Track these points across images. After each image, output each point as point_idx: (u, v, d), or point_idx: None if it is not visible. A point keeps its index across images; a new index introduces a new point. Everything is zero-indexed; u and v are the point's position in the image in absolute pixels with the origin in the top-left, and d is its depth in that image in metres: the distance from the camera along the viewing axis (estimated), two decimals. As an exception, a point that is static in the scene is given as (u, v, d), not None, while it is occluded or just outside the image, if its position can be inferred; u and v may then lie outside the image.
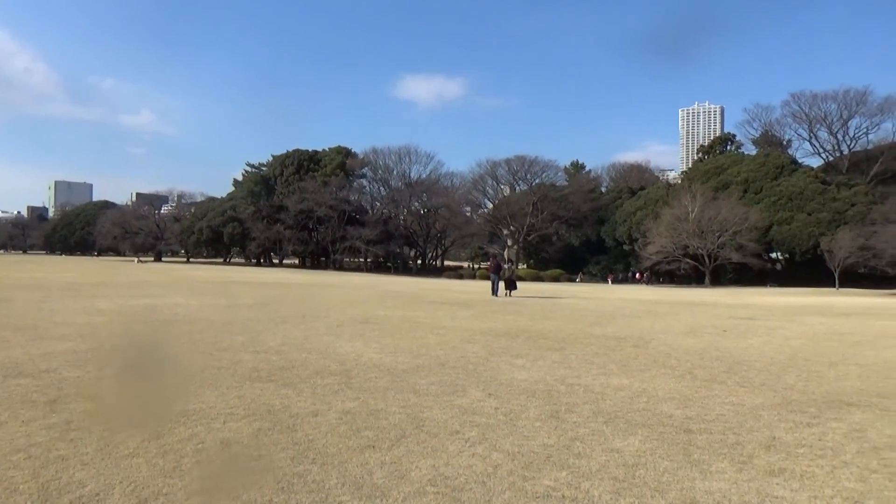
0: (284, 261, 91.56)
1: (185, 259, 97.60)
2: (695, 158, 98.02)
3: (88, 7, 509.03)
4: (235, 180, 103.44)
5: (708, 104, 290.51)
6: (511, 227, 76.39)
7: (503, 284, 24.61)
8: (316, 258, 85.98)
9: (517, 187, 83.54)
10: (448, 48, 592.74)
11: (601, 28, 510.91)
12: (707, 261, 58.53)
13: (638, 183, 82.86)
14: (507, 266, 30.94)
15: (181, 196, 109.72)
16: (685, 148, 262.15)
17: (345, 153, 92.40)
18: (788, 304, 24.68)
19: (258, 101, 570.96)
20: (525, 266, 73.58)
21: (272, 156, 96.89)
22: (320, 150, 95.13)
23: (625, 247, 70.17)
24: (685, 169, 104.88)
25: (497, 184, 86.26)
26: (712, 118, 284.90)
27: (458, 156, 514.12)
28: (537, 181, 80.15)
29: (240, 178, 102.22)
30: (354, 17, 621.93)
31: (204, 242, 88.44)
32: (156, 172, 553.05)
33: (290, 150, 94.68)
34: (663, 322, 14.71)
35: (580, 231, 75.23)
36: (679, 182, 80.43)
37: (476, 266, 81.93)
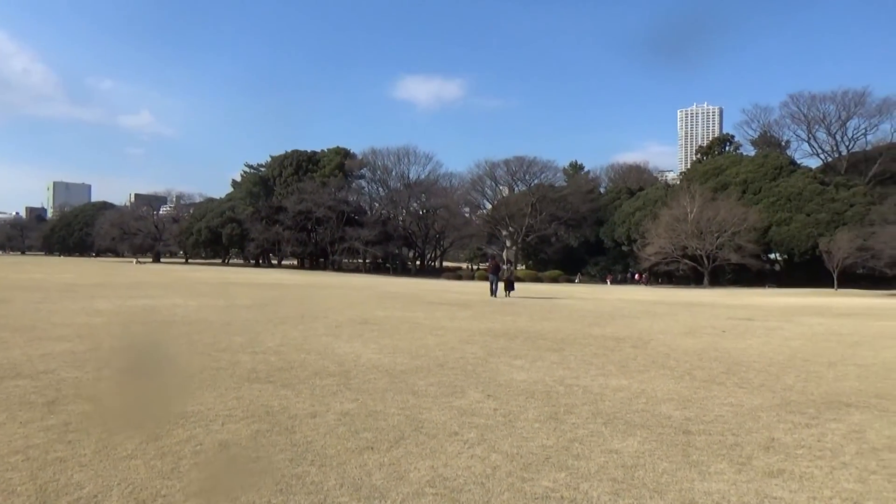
0: (283, 262, 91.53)
1: (184, 260, 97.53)
2: (693, 159, 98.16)
3: (88, 8, 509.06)
4: (234, 181, 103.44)
5: (706, 105, 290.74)
6: (510, 228, 76.44)
7: (502, 285, 24.64)
8: (315, 259, 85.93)
9: (516, 188, 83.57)
10: (447, 48, 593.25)
11: (600, 29, 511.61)
12: (706, 261, 58.56)
13: (637, 184, 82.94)
14: (506, 267, 30.98)
15: (180, 197, 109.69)
16: (684, 149, 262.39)
17: (343, 154, 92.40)
18: (787, 305, 24.70)
19: (257, 102, 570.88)
20: (524, 267, 73.65)
21: (271, 157, 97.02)
22: (319, 151, 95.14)
23: (623, 248, 70.17)
24: (684, 170, 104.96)
25: (496, 184, 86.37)
26: (711, 119, 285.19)
27: (457, 156, 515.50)
28: (536, 182, 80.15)
29: (238, 179, 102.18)
30: (354, 18, 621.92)
31: (202, 243, 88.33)
32: (154, 173, 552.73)
33: (289, 151, 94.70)
34: (662, 323, 14.73)
35: (579, 232, 75.16)
36: (678, 183, 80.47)
37: (475, 267, 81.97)
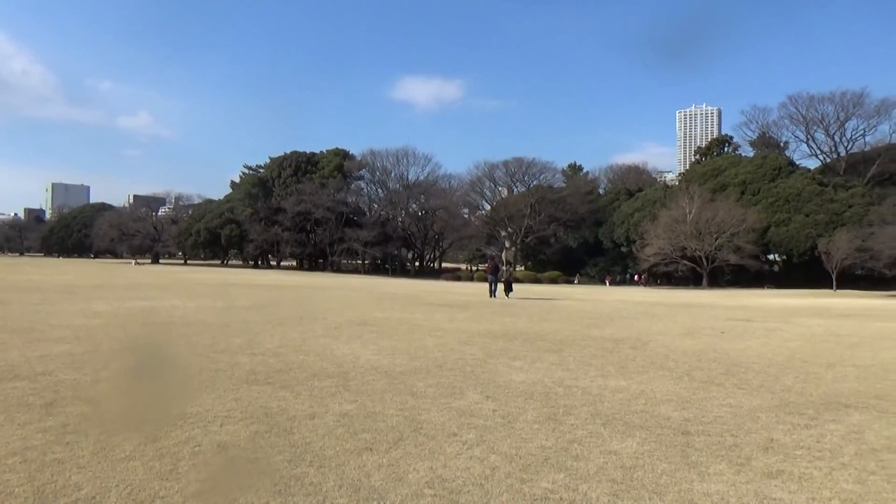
0: (282, 263, 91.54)
1: (183, 261, 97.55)
2: (692, 160, 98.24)
3: (87, 9, 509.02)
4: (233, 182, 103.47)
5: (705, 106, 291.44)
6: (509, 229, 76.45)
7: (501, 286, 24.63)
8: (314, 260, 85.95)
9: (515, 189, 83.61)
10: (447, 49, 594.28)
11: (600, 29, 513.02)
12: (705, 262, 58.60)
13: (636, 184, 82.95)
14: (505, 268, 30.99)
15: (178, 198, 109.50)
16: (683, 150, 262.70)
17: (342, 155, 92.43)
18: (786, 306, 24.71)
19: (256, 103, 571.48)
20: (523, 268, 73.62)
21: (270, 158, 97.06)
22: (318, 152, 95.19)
23: (622, 248, 70.20)
24: (683, 171, 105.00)
25: (495, 185, 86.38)
26: (710, 120, 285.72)
27: (456, 157, 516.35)
28: (535, 183, 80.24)
29: (237, 180, 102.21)
30: (354, 18, 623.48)
31: (201, 244, 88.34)
32: (153, 174, 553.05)
33: (288, 152, 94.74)
34: (661, 324, 14.72)
35: (578, 233, 75.20)
36: (677, 184, 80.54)
37: (474, 268, 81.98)
